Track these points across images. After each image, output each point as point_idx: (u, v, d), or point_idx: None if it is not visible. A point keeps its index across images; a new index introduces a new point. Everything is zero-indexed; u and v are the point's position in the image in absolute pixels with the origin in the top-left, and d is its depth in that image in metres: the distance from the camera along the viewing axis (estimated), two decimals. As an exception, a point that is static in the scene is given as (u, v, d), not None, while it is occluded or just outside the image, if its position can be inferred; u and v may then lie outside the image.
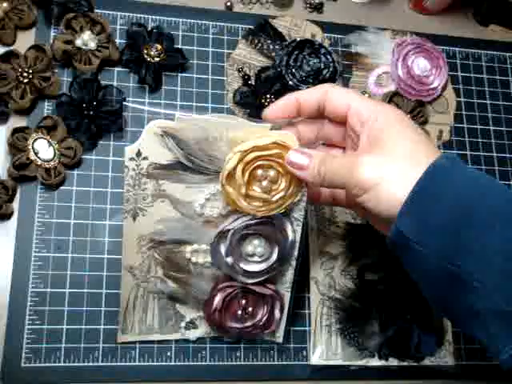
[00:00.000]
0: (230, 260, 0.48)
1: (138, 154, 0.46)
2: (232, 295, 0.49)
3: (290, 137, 0.44)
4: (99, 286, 0.51)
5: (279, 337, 0.52)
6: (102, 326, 0.50)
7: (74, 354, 0.49)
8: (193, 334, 0.51)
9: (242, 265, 0.48)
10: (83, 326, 0.50)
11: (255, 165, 0.44)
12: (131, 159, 0.46)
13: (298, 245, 0.49)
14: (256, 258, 0.48)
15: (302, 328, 0.54)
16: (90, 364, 0.49)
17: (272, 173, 0.44)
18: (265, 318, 0.51)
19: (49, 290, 0.50)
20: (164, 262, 0.49)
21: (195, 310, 0.51)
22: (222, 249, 0.48)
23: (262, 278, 0.49)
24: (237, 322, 0.50)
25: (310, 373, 0.53)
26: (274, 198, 0.45)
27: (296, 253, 0.49)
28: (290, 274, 0.50)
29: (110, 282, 0.51)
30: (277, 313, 0.51)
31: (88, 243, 0.52)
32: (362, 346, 0.54)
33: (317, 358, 0.53)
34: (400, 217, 0.38)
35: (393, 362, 0.54)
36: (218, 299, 0.49)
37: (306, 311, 0.54)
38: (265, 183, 0.44)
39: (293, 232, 0.48)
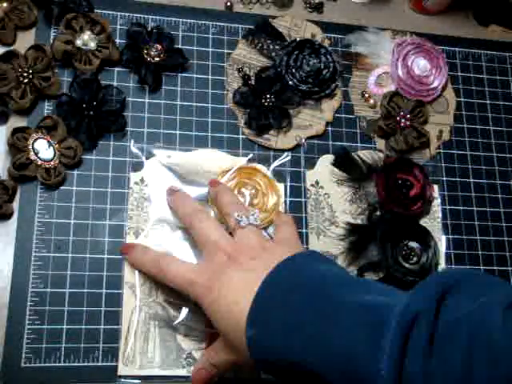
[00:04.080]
0: None
1: (142, 180, 0.53)
2: None
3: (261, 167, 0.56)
4: (99, 285, 0.51)
5: None
6: (102, 326, 0.50)
7: (73, 354, 0.49)
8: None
9: None
10: (83, 326, 0.50)
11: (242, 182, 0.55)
12: (136, 183, 0.53)
13: None
14: None
15: (302, 328, 0.54)
16: (90, 364, 0.49)
17: (254, 190, 0.54)
18: None
19: (49, 290, 0.50)
20: (164, 286, 0.50)
21: (195, 342, 0.50)
22: None
23: None
24: None
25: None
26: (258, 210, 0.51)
27: None
28: None
29: (110, 282, 0.51)
30: None
31: (88, 243, 0.52)
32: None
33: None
34: None
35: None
36: None
37: (306, 311, 0.54)
38: (248, 198, 0.54)
39: None
